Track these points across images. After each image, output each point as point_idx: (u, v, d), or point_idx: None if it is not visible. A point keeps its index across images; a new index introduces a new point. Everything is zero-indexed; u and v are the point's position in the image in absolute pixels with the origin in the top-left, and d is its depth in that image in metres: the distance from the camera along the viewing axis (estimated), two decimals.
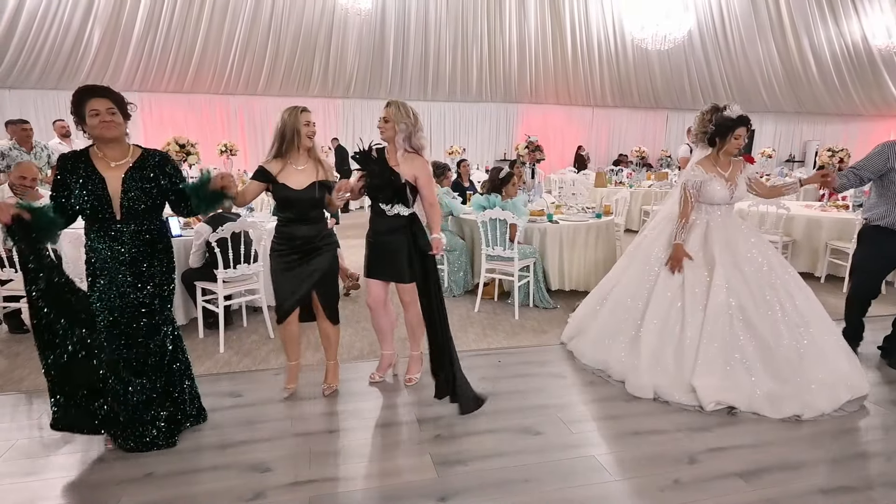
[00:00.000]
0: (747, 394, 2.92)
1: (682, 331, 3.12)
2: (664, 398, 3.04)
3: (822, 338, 3.08)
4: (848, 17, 12.50)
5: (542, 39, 12.97)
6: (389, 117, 2.92)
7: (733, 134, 3.17)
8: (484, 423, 2.85)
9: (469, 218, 5.22)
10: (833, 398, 2.93)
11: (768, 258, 3.22)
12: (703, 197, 3.28)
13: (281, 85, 12.80)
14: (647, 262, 3.44)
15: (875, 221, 3.50)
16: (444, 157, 12.56)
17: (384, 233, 3.04)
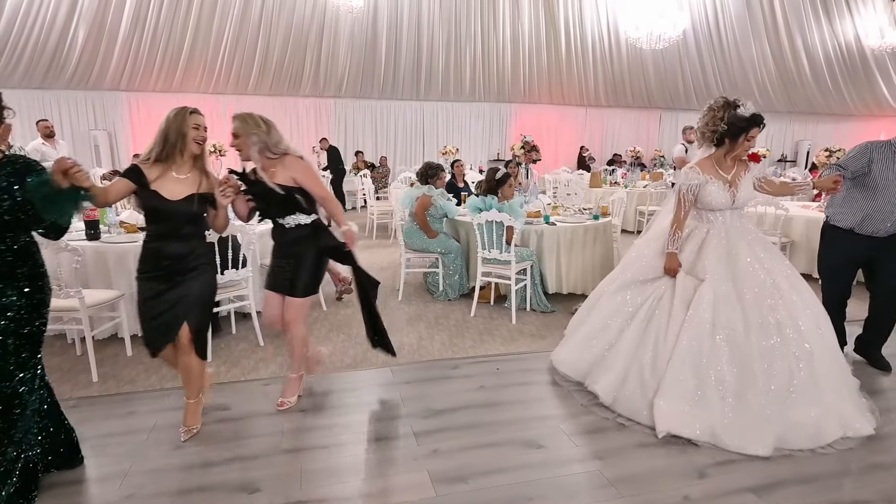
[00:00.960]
0: (711, 426, 2.60)
1: (656, 347, 2.83)
2: (623, 410, 2.84)
3: (822, 369, 2.72)
4: (841, 18, 12.50)
5: (535, 38, 12.86)
6: (238, 132, 2.66)
7: (747, 135, 2.85)
8: (484, 435, 2.73)
9: (464, 220, 5.10)
10: (817, 436, 2.61)
11: (773, 274, 2.85)
12: (701, 202, 2.96)
13: (271, 84, 12.61)
14: (633, 273, 3.15)
15: (837, 223, 3.43)
16: (437, 157, 12.43)
17: (289, 244, 2.84)
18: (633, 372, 2.86)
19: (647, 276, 3.07)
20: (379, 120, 14.00)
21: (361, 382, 3.37)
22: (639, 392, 2.81)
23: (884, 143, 3.32)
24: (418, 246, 5.08)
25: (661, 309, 2.91)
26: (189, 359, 2.63)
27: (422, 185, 5.21)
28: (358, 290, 3.06)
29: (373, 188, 9.25)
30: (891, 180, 3.24)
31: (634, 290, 3.08)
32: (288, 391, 3.05)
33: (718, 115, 2.89)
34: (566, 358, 3.34)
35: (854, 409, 2.78)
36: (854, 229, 3.36)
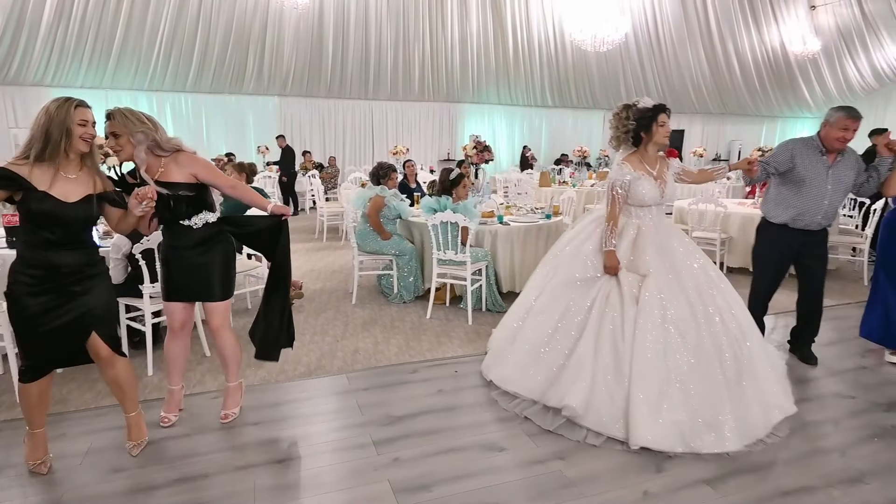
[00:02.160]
0: (682, 428, 2.56)
1: (615, 349, 2.76)
2: (593, 425, 2.67)
3: (756, 352, 2.84)
4: (768, 25, 13.28)
5: (483, 39, 12.96)
6: (118, 130, 2.37)
7: (657, 122, 2.96)
8: (446, 441, 2.69)
9: (418, 221, 5.04)
10: (767, 420, 2.71)
11: (703, 264, 2.99)
12: (632, 198, 3.00)
13: (212, 81, 12.10)
14: (570, 273, 3.09)
15: (772, 219, 3.56)
16: (387, 157, 12.30)
17: (191, 247, 2.62)
18: (598, 379, 2.73)
19: (588, 276, 3.03)
20: (327, 119, 13.72)
21: (316, 391, 3.25)
22: (607, 399, 2.68)
23: (805, 140, 3.47)
24: (371, 248, 4.98)
25: (610, 307, 2.86)
26: (116, 370, 2.41)
27: (374, 186, 5.11)
28: (270, 276, 2.88)
29: (322, 189, 9.03)
30: (817, 174, 3.38)
31: (578, 291, 3.00)
32: (229, 402, 2.89)
33: (624, 116, 3.02)
34: (513, 375, 3.06)
35: (782, 391, 2.91)
36: (788, 224, 3.49)
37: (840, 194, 3.42)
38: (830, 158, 3.39)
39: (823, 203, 3.40)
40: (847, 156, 3.42)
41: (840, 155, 3.40)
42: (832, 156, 3.39)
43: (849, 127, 3.27)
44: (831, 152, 3.38)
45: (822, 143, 3.38)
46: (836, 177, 3.38)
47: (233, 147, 12.16)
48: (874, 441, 2.73)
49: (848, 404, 3.12)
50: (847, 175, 3.41)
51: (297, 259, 6.87)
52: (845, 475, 2.44)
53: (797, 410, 2.86)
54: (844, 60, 14.45)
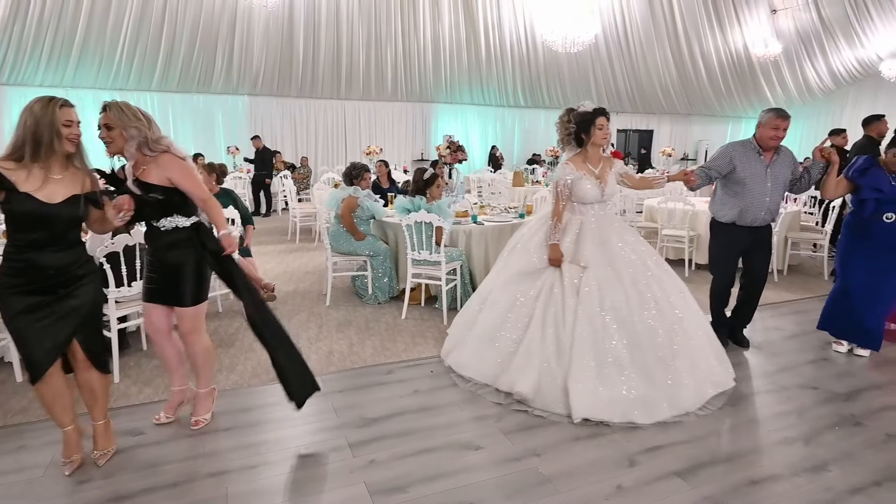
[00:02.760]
0: (620, 403, 2.81)
1: (557, 336, 3.00)
2: (541, 406, 2.91)
3: (694, 334, 3.10)
4: (732, 28, 13.64)
5: (455, 39, 12.97)
6: (112, 123, 2.38)
7: (595, 124, 3.16)
8: (422, 441, 2.68)
9: (392, 221, 5.02)
10: (699, 395, 2.96)
11: (642, 255, 3.21)
12: (575, 196, 3.24)
13: (179, 80, 11.81)
14: (520, 266, 3.31)
15: (721, 219, 3.74)
16: (360, 157, 12.21)
17: (164, 248, 2.60)
18: (544, 366, 2.97)
19: (534, 268, 3.26)
20: (298, 119, 13.54)
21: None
22: (550, 382, 2.93)
23: (743, 142, 3.67)
24: (345, 249, 4.94)
25: (553, 298, 3.11)
26: (90, 374, 2.40)
27: (347, 186, 5.07)
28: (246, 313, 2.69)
29: (294, 190, 8.91)
30: (756, 173, 3.58)
31: (526, 283, 3.24)
32: (200, 408, 2.83)
33: (566, 120, 3.29)
34: (469, 362, 3.29)
35: (720, 367, 3.18)
36: (735, 222, 3.68)
37: (780, 191, 3.65)
38: (767, 157, 3.60)
39: (765, 200, 3.60)
40: (783, 154, 3.64)
41: (776, 154, 3.61)
42: (769, 155, 3.60)
43: (779, 126, 3.49)
44: (767, 151, 3.59)
45: (758, 144, 3.59)
46: (774, 175, 3.60)
47: (202, 147, 11.89)
48: (835, 430, 2.83)
49: (810, 395, 3.23)
50: (784, 172, 3.63)
51: (269, 261, 6.77)
52: (809, 463, 2.52)
53: (735, 385, 3.18)
54: (804, 63, 14.94)
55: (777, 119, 3.49)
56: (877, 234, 3.56)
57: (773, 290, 5.42)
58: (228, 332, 4.22)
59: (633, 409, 2.80)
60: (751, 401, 3.17)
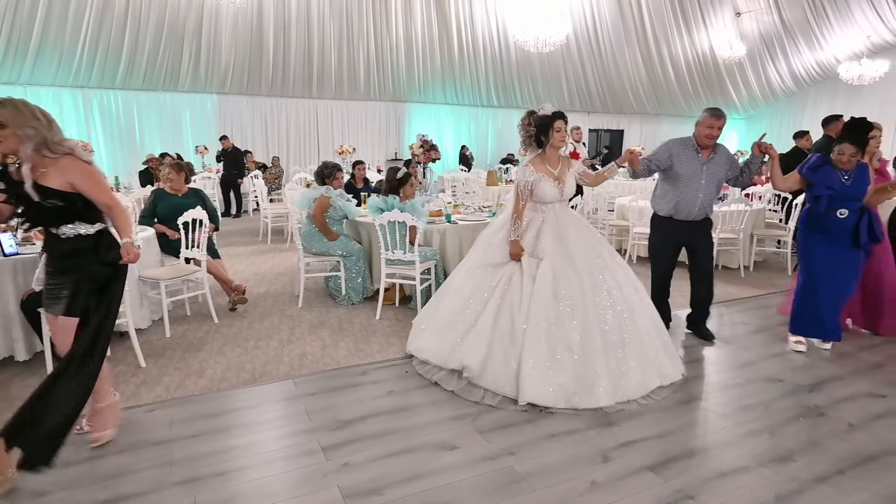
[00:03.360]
0: (566, 388, 2.93)
1: (512, 320, 3.15)
2: (488, 384, 3.06)
3: (644, 326, 3.24)
4: (698, 30, 13.96)
5: (428, 38, 12.96)
6: (6, 121, 2.22)
7: (553, 127, 3.30)
8: (397, 442, 2.65)
9: (365, 221, 4.97)
10: (644, 384, 3.08)
11: (598, 249, 3.36)
12: (535, 196, 3.38)
13: (144, 77, 11.49)
14: (485, 259, 3.46)
15: (658, 211, 3.89)
16: (333, 156, 12.08)
17: (57, 256, 2.44)
18: (495, 344, 3.12)
19: (496, 262, 3.41)
20: (269, 118, 13.33)
21: (261, 398, 3.14)
22: (501, 361, 3.07)
23: (683, 140, 3.82)
24: (317, 249, 4.87)
25: (511, 286, 3.26)
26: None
27: (319, 186, 5.00)
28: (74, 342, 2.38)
29: (265, 190, 8.76)
30: (692, 170, 3.73)
31: (487, 274, 3.39)
32: (98, 423, 2.61)
33: (527, 123, 3.41)
34: (426, 345, 3.45)
35: (668, 360, 3.28)
36: (673, 216, 3.84)
37: (713, 188, 3.79)
38: (705, 155, 3.75)
39: (698, 196, 3.75)
40: (720, 153, 3.78)
41: (714, 152, 3.75)
42: (706, 152, 3.75)
43: (713, 125, 3.64)
44: (705, 149, 3.74)
45: (697, 142, 3.74)
46: (709, 172, 3.75)
47: (169, 147, 11.59)
48: (800, 420, 2.91)
49: (776, 387, 3.32)
50: (719, 170, 3.77)
51: (240, 262, 6.63)
52: (775, 454, 2.59)
53: (683, 378, 3.31)
54: (767, 65, 15.40)
55: (711, 118, 3.65)
56: (831, 228, 3.68)
57: (739, 286, 5.56)
58: (197, 335, 4.12)
59: (576, 395, 2.93)
60: (719, 395, 3.23)
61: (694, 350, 3.90)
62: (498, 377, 3.05)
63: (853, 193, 3.60)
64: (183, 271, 4.24)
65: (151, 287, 4.18)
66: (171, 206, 4.71)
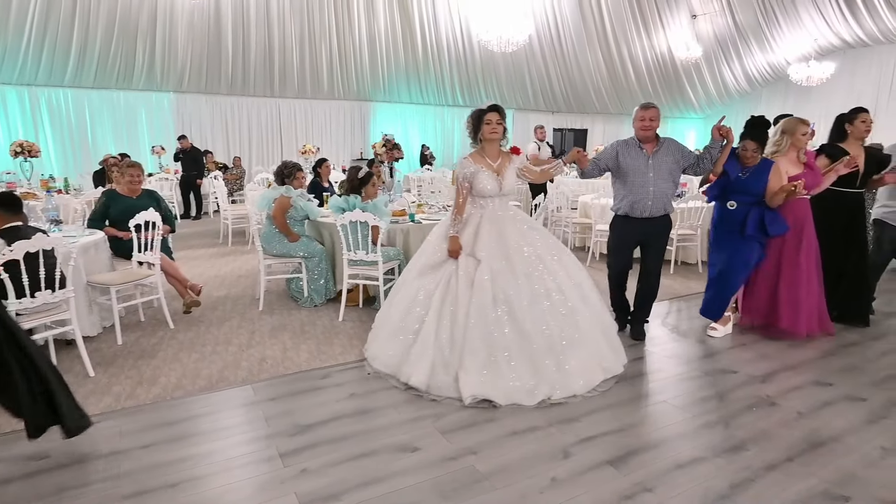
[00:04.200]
0: (506, 387, 2.97)
1: (452, 327, 3.11)
2: (435, 393, 3.04)
3: (587, 324, 3.23)
4: (657, 32, 14.30)
5: (392, 37, 12.88)
6: None
7: (484, 120, 3.30)
8: (357, 446, 2.61)
9: (328, 221, 4.89)
10: (588, 380, 3.12)
11: (538, 249, 3.30)
12: (475, 190, 3.34)
13: (95, 75, 11.06)
14: (424, 259, 3.43)
15: (618, 212, 3.94)
16: (296, 156, 11.88)
17: None
18: (437, 358, 3.09)
19: (437, 261, 3.35)
20: (230, 117, 13.01)
21: (218, 405, 3.04)
22: (443, 372, 3.06)
23: (627, 139, 3.87)
24: (278, 251, 4.76)
25: (450, 291, 3.21)
26: None
27: (279, 186, 4.89)
28: None
29: (225, 191, 8.54)
30: (638, 165, 3.75)
31: (428, 276, 3.34)
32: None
33: (469, 118, 3.43)
34: (378, 353, 3.41)
35: (611, 354, 3.33)
36: (629, 214, 3.85)
37: (664, 180, 3.76)
38: (649, 149, 3.77)
39: (649, 190, 3.75)
40: (666, 145, 3.80)
41: (658, 145, 3.77)
42: (649, 146, 3.77)
43: (644, 116, 3.71)
44: (646, 143, 3.78)
45: (637, 138, 3.79)
46: (656, 165, 3.74)
47: (125, 147, 11.19)
48: (752, 411, 2.99)
49: (731, 379, 3.41)
50: (667, 162, 3.75)
51: (200, 265, 6.44)
52: (729, 444, 2.65)
53: (623, 370, 3.37)
54: (722, 66, 15.90)
55: (640, 110, 3.72)
56: (725, 218, 3.94)
57: (697, 281, 5.71)
58: (151, 341, 3.97)
59: (517, 392, 2.96)
60: (677, 387, 3.30)
61: (653, 343, 3.98)
62: (441, 386, 3.05)
63: (747, 188, 3.82)
64: (135, 276, 4.09)
65: (101, 293, 4.01)
66: (125, 208, 4.53)
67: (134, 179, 4.64)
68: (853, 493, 2.29)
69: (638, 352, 3.84)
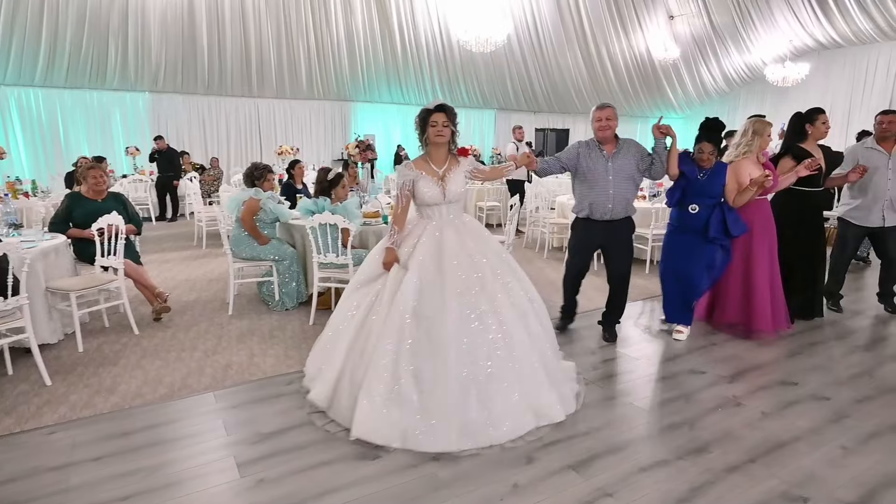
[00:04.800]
0: (405, 424, 2.57)
1: (365, 345, 2.79)
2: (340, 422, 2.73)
3: (523, 355, 2.79)
4: (635, 32, 14.40)
5: (370, 36, 12.80)
6: None
7: (429, 122, 2.94)
8: (317, 454, 2.56)
9: (299, 223, 4.82)
10: (514, 426, 2.66)
11: (480, 267, 2.88)
12: (417, 197, 2.99)
13: (67, 74, 10.83)
14: (362, 274, 3.08)
15: (578, 214, 3.89)
16: (273, 157, 11.73)
17: None
18: (345, 374, 2.80)
19: (374, 274, 3.02)
20: (207, 118, 12.84)
21: (178, 413, 2.97)
22: (347, 392, 2.75)
23: (589, 140, 3.81)
24: (248, 254, 4.68)
25: (376, 305, 2.88)
26: None
27: (248, 188, 4.81)
28: None
29: (199, 192, 8.39)
30: (598, 167, 3.68)
31: (361, 292, 3.02)
32: None
33: (416, 119, 3.05)
34: (310, 370, 3.13)
35: (552, 397, 2.83)
36: (590, 216, 3.78)
37: (624, 182, 3.68)
38: (608, 150, 3.70)
39: (609, 192, 3.68)
40: (625, 146, 3.73)
41: (618, 147, 3.71)
42: (609, 147, 3.70)
43: (601, 116, 3.64)
44: (605, 144, 3.70)
45: (596, 139, 3.74)
46: (616, 167, 3.67)
47: (99, 149, 10.98)
48: (717, 411, 3.00)
49: (699, 379, 3.42)
50: (627, 163, 3.68)
51: (172, 268, 6.32)
52: (693, 446, 2.65)
53: (564, 420, 2.81)
54: (700, 66, 16.07)
55: (598, 111, 3.66)
56: (686, 223, 3.91)
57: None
58: (114, 348, 3.87)
59: (417, 434, 2.55)
60: (644, 388, 3.30)
61: (624, 344, 3.98)
62: (343, 410, 2.73)
63: (706, 190, 3.80)
64: (97, 281, 3.98)
65: (62, 299, 3.90)
66: (89, 211, 4.41)
67: (98, 181, 4.52)
68: (812, 494, 2.30)
69: (609, 353, 3.83)
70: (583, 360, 3.67)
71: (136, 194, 9.86)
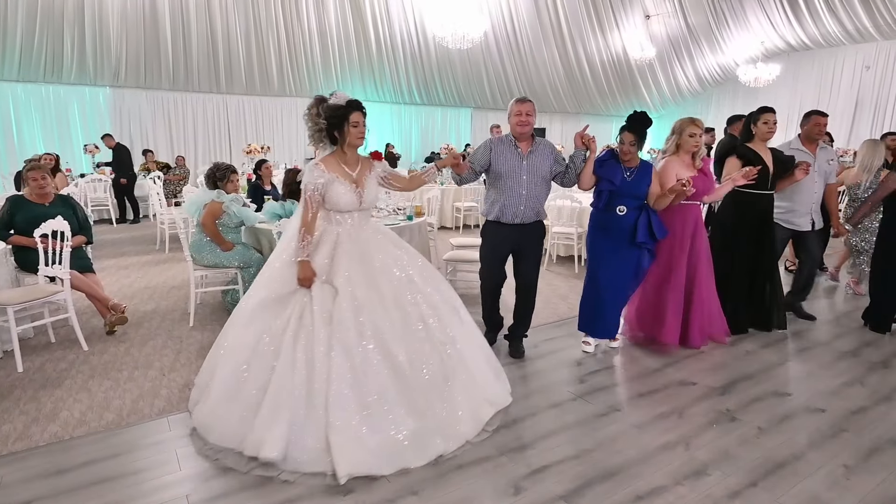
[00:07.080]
0: (390, 448, 2.40)
1: (310, 377, 2.43)
2: (291, 469, 2.35)
3: (469, 352, 2.81)
4: (611, 31, 14.38)
5: (343, 32, 12.46)
6: None
7: (349, 121, 2.69)
8: (284, 490, 2.29)
9: (266, 228, 4.52)
10: (476, 420, 2.69)
11: (408, 271, 2.80)
12: (328, 203, 2.73)
13: (19, 67, 10.21)
14: (264, 292, 2.70)
15: (488, 216, 3.60)
16: (240, 156, 11.29)
17: None
18: (295, 419, 2.39)
19: (284, 293, 2.65)
20: (172, 114, 12.30)
21: (125, 445, 2.66)
22: (303, 438, 2.38)
23: (503, 137, 3.53)
24: (210, 261, 4.36)
25: (303, 329, 2.54)
26: None
27: (210, 190, 4.48)
28: None
29: (162, 193, 7.97)
30: (513, 166, 3.43)
31: (271, 314, 2.62)
32: None
33: (315, 113, 2.73)
34: (210, 421, 2.59)
35: (497, 384, 2.96)
36: (500, 219, 3.50)
37: (538, 184, 3.48)
38: (524, 148, 3.47)
39: (522, 193, 3.44)
40: (541, 147, 3.51)
41: (533, 145, 3.49)
42: (524, 145, 3.48)
43: (521, 111, 3.39)
44: (522, 141, 3.48)
45: (513, 134, 3.49)
46: (531, 167, 3.45)
47: (56, 146, 10.40)
48: (713, 428, 2.84)
49: (690, 391, 3.26)
50: (542, 164, 3.47)
51: (130, 275, 5.93)
52: (690, 468, 2.48)
53: (511, 401, 2.97)
54: (675, 66, 16.16)
55: (516, 104, 3.42)
56: (612, 226, 3.61)
57: None
58: (59, 367, 3.52)
59: (404, 452, 2.42)
60: (635, 403, 3.13)
61: (608, 357, 3.81)
62: (302, 457, 2.36)
63: (633, 191, 3.54)
64: (39, 293, 3.63)
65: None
66: (33, 216, 4.03)
67: (41, 184, 4.14)
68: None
69: (592, 365, 3.65)
70: (566, 373, 3.49)
71: (94, 195, 9.35)
